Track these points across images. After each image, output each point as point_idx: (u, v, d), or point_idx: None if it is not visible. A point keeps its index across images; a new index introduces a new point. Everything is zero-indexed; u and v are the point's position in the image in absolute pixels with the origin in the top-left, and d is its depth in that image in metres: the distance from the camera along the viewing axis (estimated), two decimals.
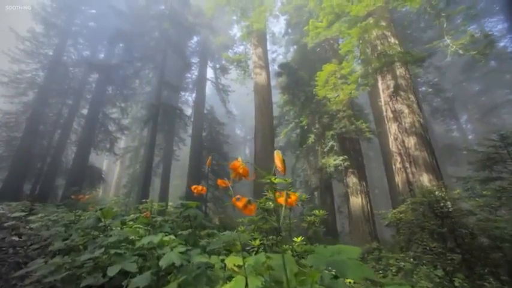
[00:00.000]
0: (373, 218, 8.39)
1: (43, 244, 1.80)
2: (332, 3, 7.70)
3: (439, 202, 2.64)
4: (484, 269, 2.08)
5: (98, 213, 1.67)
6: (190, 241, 1.34)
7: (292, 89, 11.65)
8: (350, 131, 9.46)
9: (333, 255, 0.76)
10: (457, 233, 2.39)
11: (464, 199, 2.96)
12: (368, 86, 8.38)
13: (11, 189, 10.59)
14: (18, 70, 14.41)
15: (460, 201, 2.93)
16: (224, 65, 17.09)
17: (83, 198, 2.44)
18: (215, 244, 1.23)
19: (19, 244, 1.94)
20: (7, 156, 13.07)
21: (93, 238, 1.55)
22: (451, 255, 2.20)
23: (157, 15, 13.95)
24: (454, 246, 2.35)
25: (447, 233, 2.43)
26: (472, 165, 3.45)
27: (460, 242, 2.33)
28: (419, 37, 14.42)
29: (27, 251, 1.82)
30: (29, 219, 2.42)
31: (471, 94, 23.68)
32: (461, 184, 3.75)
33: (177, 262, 1.12)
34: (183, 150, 17.90)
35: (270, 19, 14.17)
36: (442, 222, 2.52)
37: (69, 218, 2.22)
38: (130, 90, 15.75)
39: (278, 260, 0.86)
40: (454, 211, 2.56)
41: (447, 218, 2.52)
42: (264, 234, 2.78)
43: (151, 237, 1.24)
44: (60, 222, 2.23)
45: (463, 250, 2.25)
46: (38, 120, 12.77)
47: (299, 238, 2.79)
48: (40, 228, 2.21)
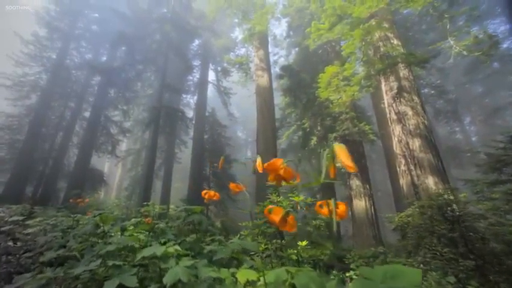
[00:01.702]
0: (377, 222, 8.27)
1: (38, 251, 1.72)
2: (334, 5, 7.69)
3: (448, 205, 2.55)
4: (499, 276, 1.99)
5: (96, 218, 1.59)
6: (195, 249, 1.26)
7: (294, 91, 11.61)
8: (353, 133, 9.38)
9: (385, 281, 0.57)
10: (468, 238, 2.31)
11: (473, 202, 2.87)
12: (371, 87, 8.32)
13: (13, 191, 10.59)
14: (21, 73, 14.53)
15: (468, 205, 2.84)
16: (226, 68, 17.12)
17: (81, 202, 2.39)
18: (222, 253, 1.13)
19: (14, 251, 1.87)
20: (9, 158, 13.11)
21: (91, 245, 1.47)
22: (464, 261, 2.11)
23: (159, 18, 14.04)
24: (465, 251, 2.26)
25: (458, 237, 2.34)
26: (480, 168, 3.36)
27: (471, 247, 2.25)
28: (421, 39, 14.37)
29: (20, 259, 1.74)
30: (27, 224, 2.36)
31: (474, 96, 23.53)
32: (469, 187, 3.66)
33: (183, 278, 1.02)
34: (184, 152, 17.88)
35: (272, 21, 14.20)
36: (452, 226, 2.44)
37: (68, 222, 2.16)
38: (132, 93, 15.81)
39: (303, 279, 0.73)
40: (464, 215, 2.47)
41: (457, 222, 2.44)
42: (268, 238, 2.71)
43: (153, 249, 1.15)
44: (59, 227, 2.17)
45: (476, 256, 2.17)
46: (41, 123, 12.81)
47: (303, 242, 2.71)
48: (38, 233, 2.14)
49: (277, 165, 0.74)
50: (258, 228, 2.51)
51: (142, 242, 1.44)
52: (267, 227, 2.66)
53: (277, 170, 0.74)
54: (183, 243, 1.36)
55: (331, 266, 3.35)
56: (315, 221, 2.68)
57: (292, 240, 2.83)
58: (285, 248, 2.72)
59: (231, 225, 8.39)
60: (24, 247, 1.95)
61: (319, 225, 2.60)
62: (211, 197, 1.25)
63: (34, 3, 14.84)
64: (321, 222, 2.62)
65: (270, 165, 0.75)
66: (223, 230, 7.16)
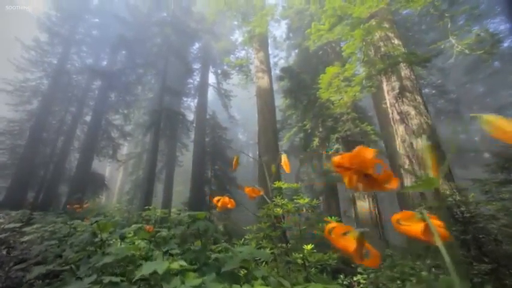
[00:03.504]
0: (381, 223, 8.16)
1: (31, 263, 1.62)
2: (334, 5, 7.68)
3: (459, 206, 2.48)
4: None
5: (94, 225, 1.46)
6: (201, 259, 1.17)
7: (295, 92, 11.57)
8: (355, 134, 9.32)
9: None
10: (481, 240, 2.23)
11: (483, 203, 2.79)
12: (373, 87, 8.27)
13: (14, 197, 10.55)
14: (23, 79, 14.60)
15: (479, 205, 2.76)
16: (226, 70, 17.14)
17: (78, 208, 2.31)
18: (231, 264, 1.05)
19: (6, 261, 1.78)
20: (11, 164, 13.09)
21: (88, 256, 1.37)
22: (479, 265, 2.04)
23: (159, 21, 14.10)
24: (478, 254, 2.18)
25: (470, 240, 2.26)
26: (488, 167, 3.29)
27: (484, 250, 2.17)
28: (421, 39, 14.36)
29: (9, 273, 1.64)
30: (24, 231, 2.28)
31: (475, 96, 23.44)
32: (477, 187, 3.57)
33: None
34: (185, 155, 17.83)
35: (272, 23, 14.22)
36: (464, 228, 2.36)
37: (66, 229, 2.08)
38: (132, 96, 15.83)
39: None
40: (476, 216, 2.40)
41: (469, 223, 2.36)
42: (273, 242, 2.63)
43: (154, 265, 1.02)
44: (57, 234, 2.10)
45: (490, 259, 2.09)
46: (42, 128, 12.82)
47: (309, 246, 2.63)
48: (35, 240, 2.06)
49: (365, 158, 0.44)
50: (263, 232, 2.44)
51: (143, 251, 1.34)
52: (272, 231, 2.59)
53: (366, 167, 0.46)
54: (187, 253, 1.27)
55: (338, 270, 3.26)
56: (321, 224, 2.60)
57: (297, 244, 2.75)
58: (290, 252, 2.64)
59: (233, 228, 8.30)
60: (20, 256, 1.87)
61: None
62: (225, 205, 1.04)
63: (34, 6, 14.94)
64: None
65: (353, 159, 0.45)
66: (226, 233, 7.07)
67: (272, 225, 2.52)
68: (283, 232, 3.08)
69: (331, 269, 2.66)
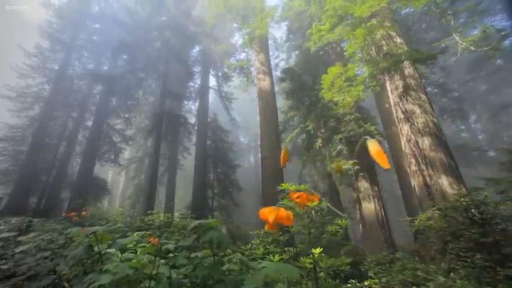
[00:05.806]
0: (388, 224, 7.99)
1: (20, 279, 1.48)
2: (335, 5, 7.62)
3: (477, 207, 2.35)
4: None
5: (90, 237, 1.31)
6: (214, 276, 1.03)
7: (296, 93, 11.49)
8: (358, 134, 9.19)
9: None
10: (502, 243, 2.10)
11: (502, 203, 2.67)
12: (377, 86, 8.17)
13: (17, 202, 10.50)
14: (25, 85, 14.68)
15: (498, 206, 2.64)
16: (226, 73, 17.12)
17: (75, 216, 2.20)
18: (252, 283, 0.88)
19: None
20: (13, 170, 13.08)
21: (84, 272, 1.24)
22: (504, 270, 1.90)
23: (159, 25, 14.13)
24: (501, 258, 2.05)
25: (491, 242, 2.14)
26: (504, 166, 3.16)
27: (506, 254, 2.03)
28: (422, 38, 14.28)
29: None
30: (20, 240, 2.16)
31: (478, 94, 23.24)
32: (490, 186, 3.44)
33: None
34: (187, 159, 17.75)
35: (272, 25, 14.20)
36: (483, 230, 2.24)
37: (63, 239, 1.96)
38: (133, 100, 15.84)
39: None
40: (495, 216, 2.27)
41: (489, 225, 2.24)
42: (281, 246, 2.52)
43: None
44: (54, 243, 1.99)
45: None
46: (44, 133, 12.82)
47: (317, 250, 2.52)
48: (30, 250, 1.93)
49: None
50: (271, 235, 2.33)
51: (147, 268, 1.17)
52: (280, 235, 2.48)
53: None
54: (198, 268, 1.12)
55: (350, 275, 3.13)
56: (330, 227, 2.49)
57: (306, 248, 2.62)
58: (299, 257, 2.52)
59: (237, 231, 8.16)
60: (12, 269, 1.75)
61: (335, 231, 2.41)
62: (281, 220, 0.69)
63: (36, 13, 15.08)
64: (337, 228, 2.43)
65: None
66: (231, 237, 6.94)
67: (280, 229, 2.41)
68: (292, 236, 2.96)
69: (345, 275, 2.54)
